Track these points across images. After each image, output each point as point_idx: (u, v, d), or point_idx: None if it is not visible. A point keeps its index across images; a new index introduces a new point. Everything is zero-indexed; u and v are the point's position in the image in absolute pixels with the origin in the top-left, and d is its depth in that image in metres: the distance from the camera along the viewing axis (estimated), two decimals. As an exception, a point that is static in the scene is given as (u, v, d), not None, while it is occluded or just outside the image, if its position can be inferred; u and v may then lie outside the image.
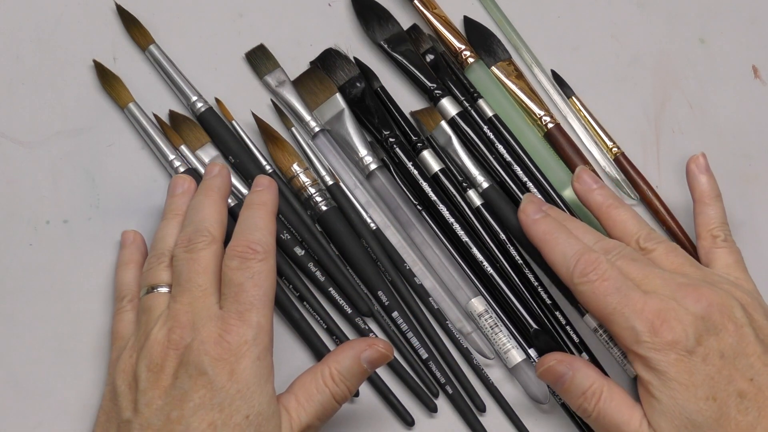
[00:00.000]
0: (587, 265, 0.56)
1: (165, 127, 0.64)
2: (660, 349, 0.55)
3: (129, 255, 0.60)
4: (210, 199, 0.58)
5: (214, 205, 0.57)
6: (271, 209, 0.57)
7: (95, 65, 0.65)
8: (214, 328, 0.52)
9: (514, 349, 0.62)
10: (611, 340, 0.64)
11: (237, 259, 0.54)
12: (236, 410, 0.51)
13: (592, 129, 0.69)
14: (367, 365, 0.55)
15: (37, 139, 0.63)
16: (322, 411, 0.55)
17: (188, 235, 0.56)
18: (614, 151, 0.69)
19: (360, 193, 0.64)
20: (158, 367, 0.52)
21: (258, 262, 0.54)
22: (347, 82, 0.67)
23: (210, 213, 0.57)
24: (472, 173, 0.66)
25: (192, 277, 0.54)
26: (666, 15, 0.74)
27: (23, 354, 0.59)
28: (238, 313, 0.53)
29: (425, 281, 0.63)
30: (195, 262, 0.55)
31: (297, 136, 0.65)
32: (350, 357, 0.55)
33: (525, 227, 0.60)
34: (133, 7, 0.66)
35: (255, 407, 0.52)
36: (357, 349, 0.55)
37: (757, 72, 0.73)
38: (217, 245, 0.56)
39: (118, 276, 0.60)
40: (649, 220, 0.68)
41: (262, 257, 0.54)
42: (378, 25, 0.68)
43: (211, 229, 0.56)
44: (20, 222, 0.61)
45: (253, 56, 0.67)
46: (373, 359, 0.56)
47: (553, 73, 0.70)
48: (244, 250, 0.54)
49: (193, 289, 0.54)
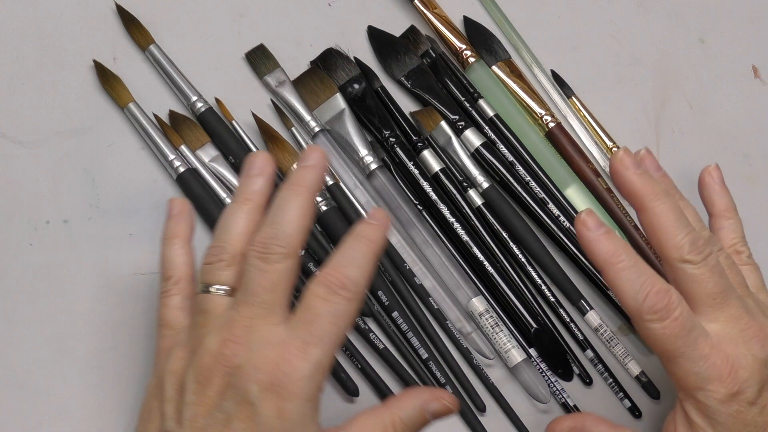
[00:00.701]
0: (658, 301, 0.52)
1: (165, 127, 0.64)
2: (723, 401, 0.52)
3: (174, 228, 0.55)
4: (298, 199, 0.51)
5: (301, 208, 0.51)
6: (377, 249, 0.51)
7: (95, 65, 0.65)
8: (272, 353, 0.48)
9: (515, 348, 0.62)
10: (612, 340, 0.64)
11: (325, 287, 0.49)
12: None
13: (592, 129, 0.69)
14: (430, 417, 0.51)
15: (37, 139, 0.63)
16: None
17: (266, 240, 0.50)
18: (614, 150, 0.69)
19: (360, 193, 0.64)
20: (206, 381, 0.49)
21: (345, 300, 0.49)
22: (348, 82, 0.67)
23: (294, 217, 0.51)
24: (472, 173, 0.66)
25: (259, 292, 0.50)
26: (666, 15, 0.74)
27: (23, 354, 0.59)
28: (303, 343, 0.48)
29: (425, 281, 0.63)
30: (266, 275, 0.50)
31: (297, 136, 0.65)
32: (416, 407, 0.51)
33: (586, 243, 0.53)
34: (133, 7, 0.66)
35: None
36: (423, 400, 0.51)
37: (757, 72, 0.74)
38: (294, 259, 0.50)
39: (164, 252, 0.55)
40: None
41: (351, 296, 0.49)
42: (395, 61, 0.68)
43: (291, 237, 0.50)
44: (20, 222, 0.61)
45: (253, 56, 0.67)
46: (438, 412, 0.51)
47: (553, 73, 0.70)
48: (337, 282, 0.49)
49: (256, 305, 0.49)
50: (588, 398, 0.63)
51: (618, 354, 0.64)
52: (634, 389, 0.64)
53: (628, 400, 0.63)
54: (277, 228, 0.50)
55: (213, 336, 0.49)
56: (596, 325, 0.64)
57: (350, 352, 0.61)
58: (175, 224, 0.56)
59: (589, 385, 0.63)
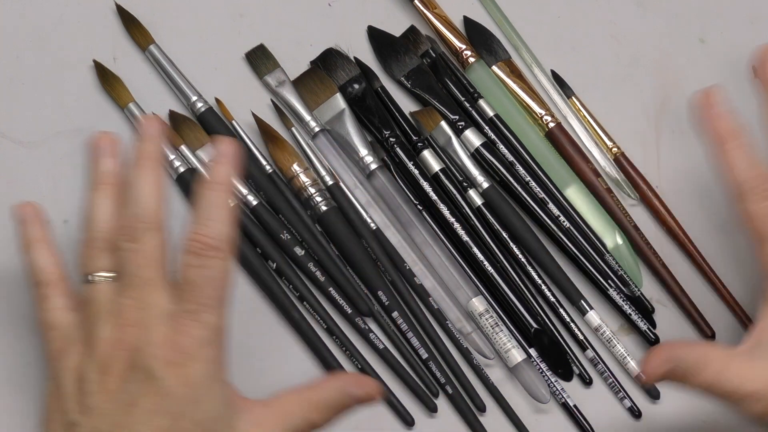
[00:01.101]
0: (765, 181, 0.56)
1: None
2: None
3: (30, 233, 0.55)
4: (148, 173, 0.52)
5: (153, 182, 0.52)
6: (228, 188, 0.52)
7: (95, 65, 0.65)
8: (165, 328, 0.49)
9: (515, 348, 0.62)
10: (612, 340, 0.64)
11: (193, 255, 0.50)
12: (187, 416, 0.49)
13: (592, 129, 0.69)
14: (352, 402, 0.53)
15: (37, 139, 0.63)
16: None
17: (129, 222, 0.51)
18: (614, 151, 0.69)
19: (360, 193, 0.64)
20: (106, 369, 0.49)
21: (217, 260, 0.50)
22: (348, 82, 0.67)
23: (149, 191, 0.52)
24: (472, 173, 0.66)
25: (137, 271, 0.51)
26: (666, 15, 0.74)
27: (23, 354, 0.59)
28: (192, 314, 0.50)
29: (425, 281, 0.63)
30: (140, 253, 0.51)
31: (297, 136, 0.65)
32: (338, 390, 0.52)
33: (704, 116, 0.59)
34: (133, 7, 0.66)
35: (207, 412, 0.49)
36: (346, 384, 0.53)
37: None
38: (161, 231, 0.52)
39: (29, 260, 0.54)
40: (649, 220, 0.68)
41: (222, 254, 0.50)
42: (395, 61, 0.68)
43: (152, 211, 0.52)
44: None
45: (253, 56, 0.67)
46: (360, 398, 0.53)
47: (553, 73, 0.70)
48: (203, 246, 0.50)
49: (140, 284, 0.50)
50: (588, 398, 0.63)
51: (618, 354, 0.64)
52: (634, 389, 0.64)
53: (628, 400, 0.63)
54: (137, 206, 0.52)
55: (105, 324, 0.50)
56: (596, 325, 0.64)
57: (350, 352, 0.61)
58: (30, 229, 0.55)
59: (589, 385, 0.63)
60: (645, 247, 0.66)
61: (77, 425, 0.49)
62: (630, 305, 0.64)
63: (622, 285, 0.65)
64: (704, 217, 0.69)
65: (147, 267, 0.51)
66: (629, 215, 0.67)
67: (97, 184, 0.54)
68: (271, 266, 0.61)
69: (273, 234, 0.62)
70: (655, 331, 0.64)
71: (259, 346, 0.61)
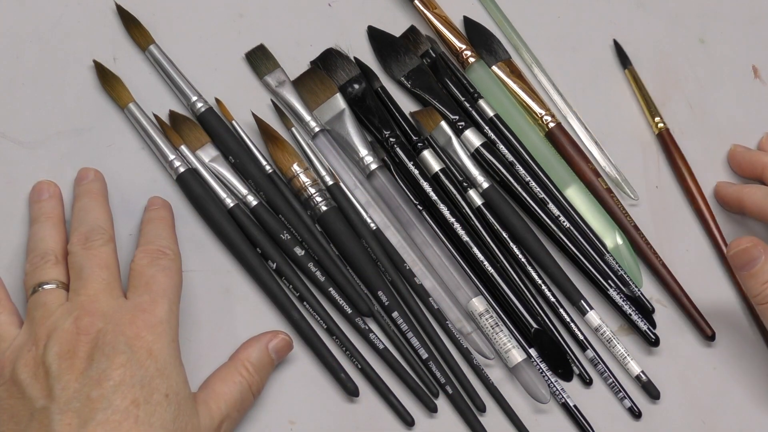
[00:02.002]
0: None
1: (165, 127, 0.64)
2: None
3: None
4: (97, 202, 0.59)
5: (103, 207, 0.59)
6: (171, 223, 0.60)
7: (95, 65, 0.65)
8: (127, 314, 0.53)
9: (515, 348, 0.62)
10: (612, 340, 0.64)
11: (147, 256, 0.56)
12: (156, 388, 0.51)
13: (644, 104, 0.70)
14: (274, 355, 0.58)
15: (37, 139, 0.63)
16: (240, 401, 0.56)
17: (84, 234, 0.56)
18: (660, 126, 0.69)
19: (360, 193, 0.64)
20: (71, 353, 0.51)
21: (168, 260, 0.56)
22: (348, 82, 0.67)
23: (101, 213, 0.58)
24: (472, 173, 0.66)
25: (95, 271, 0.55)
26: (666, 15, 0.74)
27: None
28: (150, 301, 0.53)
29: (425, 281, 0.63)
30: (96, 257, 0.55)
31: (297, 136, 0.65)
32: (260, 348, 0.57)
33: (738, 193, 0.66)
34: (133, 7, 0.66)
35: (173, 386, 0.52)
36: (264, 340, 0.58)
37: (757, 72, 0.74)
38: (113, 244, 0.57)
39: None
40: (649, 220, 0.68)
41: (172, 256, 0.56)
42: (395, 61, 0.68)
43: (106, 227, 0.57)
44: (20, 222, 0.61)
45: (253, 56, 0.67)
46: (279, 348, 0.58)
47: (615, 43, 0.72)
48: (155, 250, 0.56)
49: (96, 282, 0.54)
50: (588, 398, 0.63)
51: (618, 354, 0.64)
52: (634, 389, 0.64)
53: (628, 400, 0.63)
54: (90, 223, 0.57)
55: (63, 319, 0.53)
56: (596, 325, 0.64)
57: (350, 352, 0.61)
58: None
59: (589, 385, 0.63)
60: (645, 247, 0.66)
61: (46, 409, 0.50)
62: (630, 305, 0.64)
63: (622, 285, 0.65)
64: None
65: (104, 268, 0.55)
66: (629, 215, 0.67)
67: (37, 217, 0.59)
68: (271, 266, 0.61)
69: (273, 234, 0.62)
70: (655, 331, 0.64)
71: (259, 346, 0.61)
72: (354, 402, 0.61)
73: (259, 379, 0.57)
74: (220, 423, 0.54)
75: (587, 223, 0.66)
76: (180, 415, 0.51)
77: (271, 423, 0.59)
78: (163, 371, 0.52)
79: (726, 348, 0.66)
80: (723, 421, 0.64)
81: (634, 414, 0.63)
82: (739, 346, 0.66)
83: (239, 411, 0.56)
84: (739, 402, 0.65)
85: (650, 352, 0.65)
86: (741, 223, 0.69)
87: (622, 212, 0.67)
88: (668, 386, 0.64)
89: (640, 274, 0.66)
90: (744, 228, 0.69)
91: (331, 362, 0.60)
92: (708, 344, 0.66)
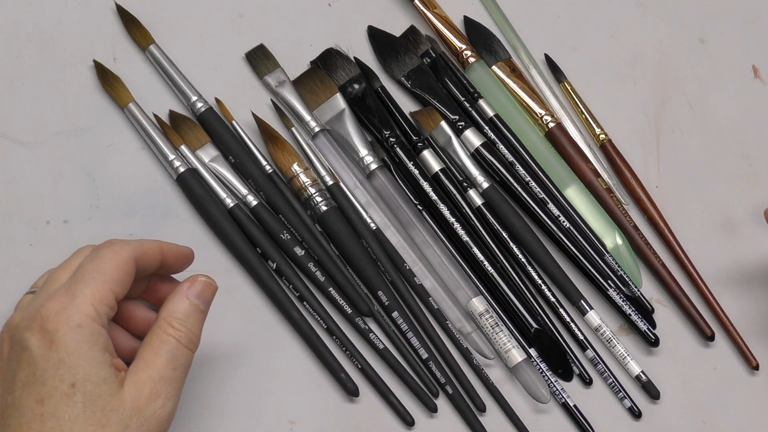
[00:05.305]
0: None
1: (165, 127, 0.64)
2: None
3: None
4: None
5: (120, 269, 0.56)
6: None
7: (95, 65, 0.65)
8: (38, 305, 0.51)
9: (515, 348, 0.62)
10: (612, 340, 0.64)
11: (87, 248, 0.55)
12: (60, 379, 0.50)
13: (584, 117, 0.69)
14: (197, 301, 0.54)
15: (37, 139, 0.63)
16: (173, 359, 0.53)
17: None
18: (602, 138, 0.69)
19: (360, 193, 0.64)
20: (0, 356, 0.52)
21: (107, 250, 0.53)
22: (348, 82, 0.67)
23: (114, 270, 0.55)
24: (472, 173, 0.66)
25: (52, 272, 0.54)
26: (666, 15, 0.74)
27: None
28: (66, 287, 0.51)
29: (425, 281, 0.63)
30: (62, 265, 0.54)
31: (297, 136, 0.65)
32: (181, 300, 0.54)
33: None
34: (133, 7, 0.66)
35: (80, 374, 0.50)
36: (183, 290, 0.54)
37: (757, 72, 0.74)
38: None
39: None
40: (649, 220, 0.68)
41: (117, 248, 0.53)
42: (395, 61, 0.68)
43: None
44: (20, 222, 0.61)
45: (253, 56, 0.67)
46: (200, 292, 0.54)
47: (546, 57, 0.70)
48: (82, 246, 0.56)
49: (47, 281, 0.54)
50: (588, 398, 0.63)
51: (618, 354, 0.64)
52: (634, 389, 0.64)
53: (628, 400, 0.63)
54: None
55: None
56: (596, 325, 0.64)
57: (350, 352, 0.61)
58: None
59: (589, 385, 0.63)
60: (645, 247, 0.66)
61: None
62: (630, 305, 0.64)
63: (622, 285, 0.65)
64: (704, 217, 0.69)
65: (61, 270, 0.54)
66: (629, 215, 0.67)
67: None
68: (271, 266, 0.61)
69: (273, 234, 0.62)
70: (654, 331, 0.64)
71: (259, 346, 0.61)
72: (354, 402, 0.61)
73: (188, 330, 0.53)
74: (152, 388, 0.52)
75: (587, 223, 0.66)
76: (92, 400, 0.50)
77: (271, 423, 0.59)
78: (66, 360, 0.50)
79: (726, 348, 0.66)
80: (723, 421, 0.64)
81: (634, 414, 0.63)
82: (739, 346, 0.66)
83: (175, 369, 0.53)
84: (739, 402, 0.65)
85: (650, 352, 0.65)
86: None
87: (622, 212, 0.67)
88: (668, 386, 0.64)
89: (640, 274, 0.66)
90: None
91: (331, 362, 0.60)
92: (708, 344, 0.66)
